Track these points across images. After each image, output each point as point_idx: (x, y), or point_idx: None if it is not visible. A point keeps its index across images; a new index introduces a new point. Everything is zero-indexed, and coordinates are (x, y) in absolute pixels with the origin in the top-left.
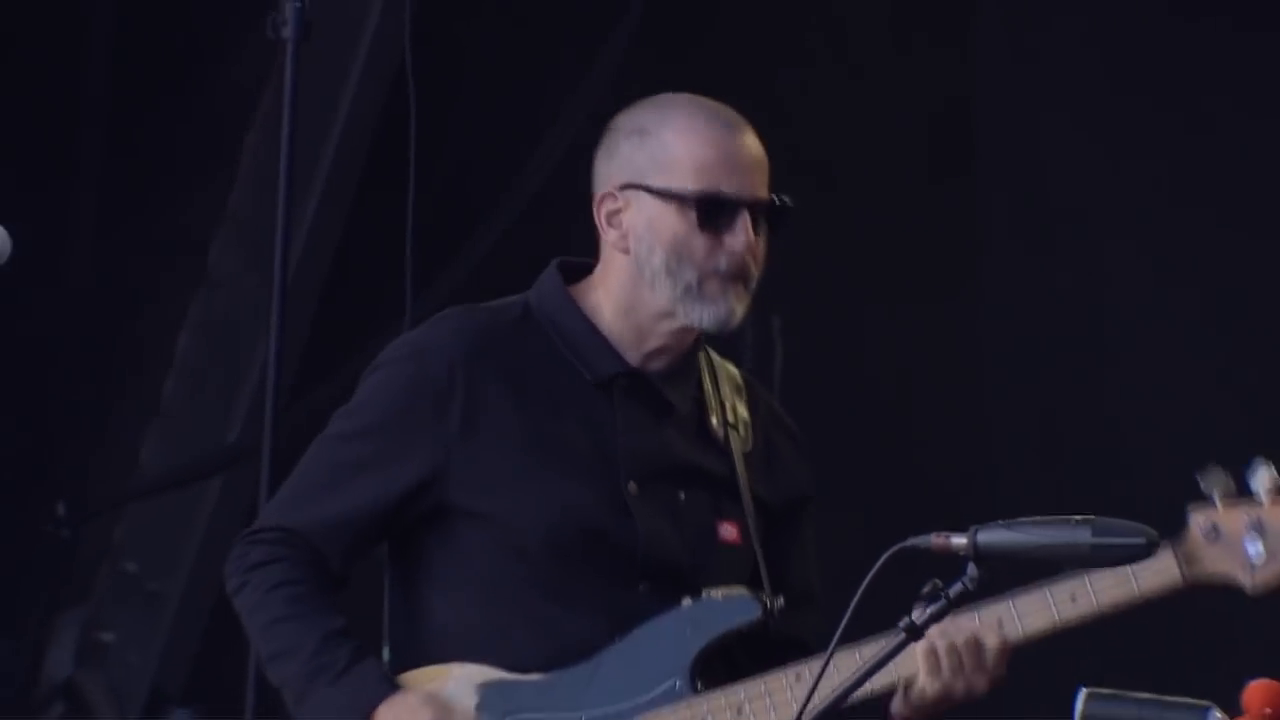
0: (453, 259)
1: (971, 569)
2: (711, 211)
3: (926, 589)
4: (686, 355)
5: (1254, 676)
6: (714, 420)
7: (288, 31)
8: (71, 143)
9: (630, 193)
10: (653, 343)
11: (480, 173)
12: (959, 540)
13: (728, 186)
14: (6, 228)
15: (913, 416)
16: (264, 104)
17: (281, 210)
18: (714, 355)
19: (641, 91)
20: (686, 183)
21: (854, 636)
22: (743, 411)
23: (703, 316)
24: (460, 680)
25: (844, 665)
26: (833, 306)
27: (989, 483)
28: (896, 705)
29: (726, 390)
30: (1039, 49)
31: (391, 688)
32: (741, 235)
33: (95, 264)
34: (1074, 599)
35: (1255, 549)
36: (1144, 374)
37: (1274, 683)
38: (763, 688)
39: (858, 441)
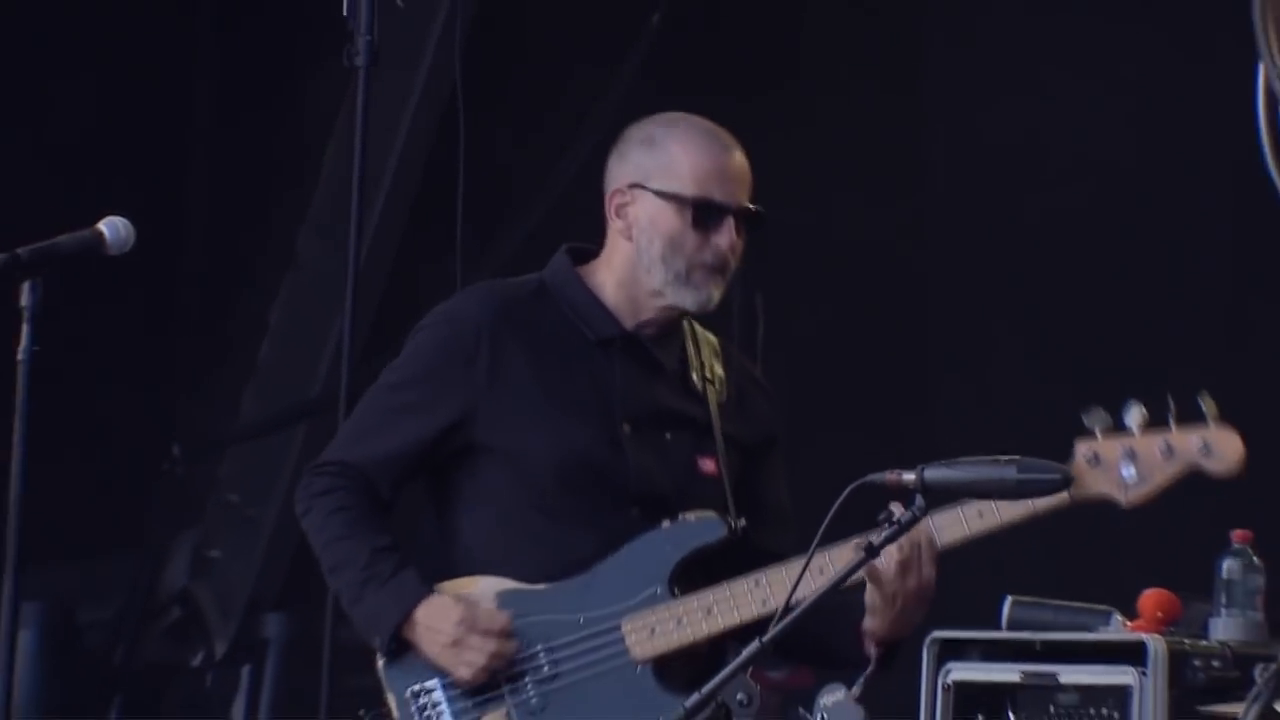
0: (493, 245)
1: (919, 499)
2: (703, 213)
3: (883, 515)
4: (671, 326)
5: (1147, 586)
6: (694, 377)
7: (360, 60)
8: (186, 154)
9: (637, 191)
10: (644, 315)
11: (517, 179)
12: (909, 476)
13: (718, 194)
14: (131, 221)
15: (867, 371)
16: (340, 120)
17: (355, 207)
18: (696, 326)
19: (654, 104)
20: (685, 188)
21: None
22: (719, 370)
23: (686, 299)
24: (483, 588)
25: (811, 567)
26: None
27: (935, 426)
28: (868, 623)
29: (706, 354)
30: None
31: (428, 590)
32: (726, 236)
33: (204, 251)
34: (980, 515)
35: (1129, 472)
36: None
37: (1164, 591)
38: (728, 592)
39: (827, 389)
